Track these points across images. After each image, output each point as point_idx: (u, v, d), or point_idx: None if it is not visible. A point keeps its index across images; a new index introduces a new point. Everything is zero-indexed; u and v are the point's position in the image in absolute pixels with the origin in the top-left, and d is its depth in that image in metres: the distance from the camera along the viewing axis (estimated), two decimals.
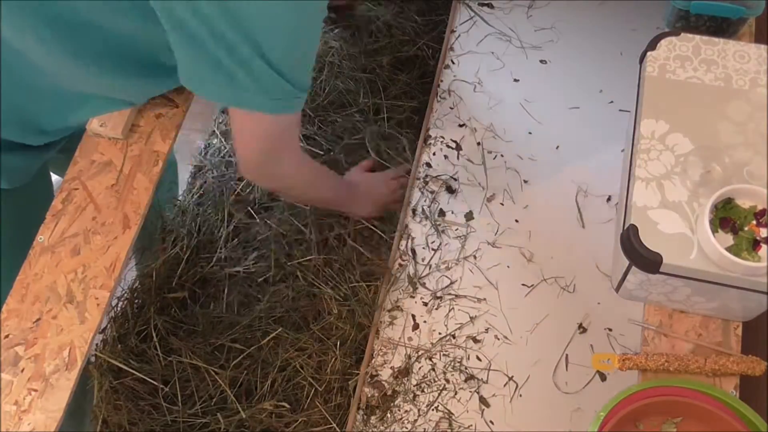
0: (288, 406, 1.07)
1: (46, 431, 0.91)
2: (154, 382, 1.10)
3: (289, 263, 1.20)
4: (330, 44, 1.43)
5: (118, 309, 1.15)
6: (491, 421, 1.05)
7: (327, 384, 1.10)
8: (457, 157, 1.27)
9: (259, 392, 1.10)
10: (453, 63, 1.36)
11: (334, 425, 1.06)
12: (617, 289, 0.96)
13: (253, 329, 1.16)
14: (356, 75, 1.39)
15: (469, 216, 1.21)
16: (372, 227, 1.22)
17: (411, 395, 1.07)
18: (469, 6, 1.42)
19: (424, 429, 1.05)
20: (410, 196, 1.24)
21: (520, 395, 1.06)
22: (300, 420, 1.07)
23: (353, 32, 1.46)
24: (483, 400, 1.06)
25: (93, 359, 1.08)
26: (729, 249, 0.83)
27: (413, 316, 1.14)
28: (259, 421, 1.07)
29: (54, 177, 1.31)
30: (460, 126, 1.30)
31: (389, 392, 1.08)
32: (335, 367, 1.10)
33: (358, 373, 1.09)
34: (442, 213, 1.22)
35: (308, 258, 1.19)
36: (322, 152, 1.30)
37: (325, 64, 1.41)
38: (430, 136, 1.30)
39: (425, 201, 1.23)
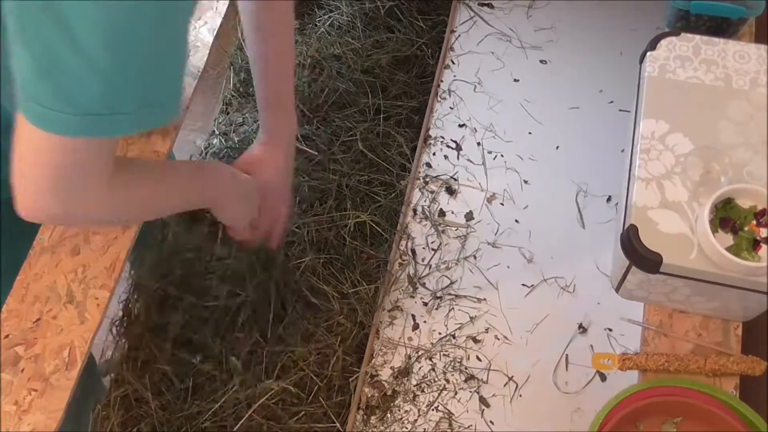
0: (294, 389, 1.08)
1: (46, 431, 0.90)
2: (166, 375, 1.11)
3: (288, 264, 1.20)
4: (329, 45, 1.43)
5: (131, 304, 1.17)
6: (491, 421, 1.05)
7: (328, 380, 1.10)
8: (457, 157, 1.27)
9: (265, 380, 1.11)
10: (453, 63, 1.36)
11: (337, 424, 1.06)
12: (617, 289, 0.96)
13: (253, 328, 1.16)
14: (356, 75, 1.39)
15: (469, 216, 1.21)
16: (373, 225, 1.22)
17: (411, 395, 1.07)
18: (469, 6, 1.42)
19: (424, 429, 1.05)
20: (410, 196, 1.24)
21: (520, 395, 1.06)
22: (303, 411, 1.07)
23: (348, 30, 1.46)
24: (483, 400, 1.06)
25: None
26: (729, 249, 0.83)
27: (413, 316, 1.14)
28: (264, 416, 1.08)
29: None
30: (460, 126, 1.30)
31: (389, 392, 1.08)
32: (337, 364, 1.10)
33: (359, 372, 1.09)
34: (442, 213, 1.22)
35: (302, 260, 1.19)
36: (317, 153, 1.30)
37: (324, 65, 1.41)
38: (430, 136, 1.30)
39: (425, 201, 1.23)
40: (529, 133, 1.28)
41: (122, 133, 0.69)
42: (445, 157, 1.27)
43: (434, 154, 1.27)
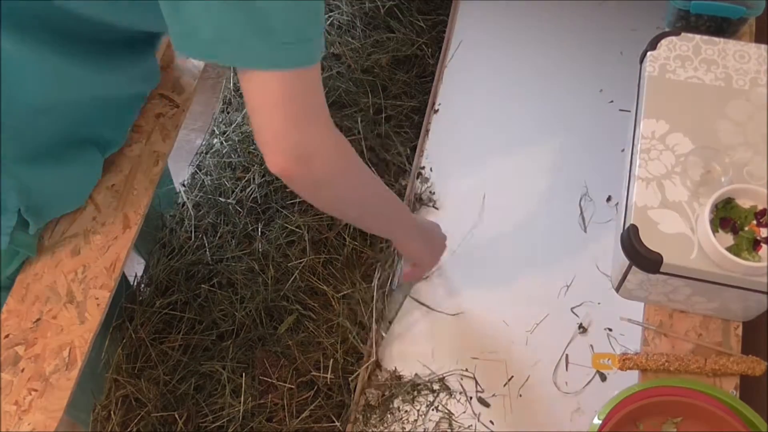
0: (294, 390, 1.08)
1: (46, 431, 0.90)
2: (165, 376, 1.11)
3: (288, 263, 1.20)
4: (329, 44, 1.44)
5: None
6: (491, 422, 1.05)
7: (328, 380, 1.10)
8: (457, 157, 1.27)
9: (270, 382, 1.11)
10: (453, 63, 1.36)
11: (338, 424, 1.06)
12: (617, 289, 0.96)
13: (254, 328, 1.16)
14: (356, 75, 1.39)
15: (469, 216, 1.21)
16: None
17: (411, 395, 1.07)
18: (470, 6, 1.42)
19: (424, 429, 1.05)
20: (410, 196, 1.24)
21: (520, 395, 1.06)
22: (303, 411, 1.07)
23: (348, 30, 1.46)
24: (483, 401, 1.06)
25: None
26: (729, 249, 0.83)
27: None
28: (265, 416, 1.08)
29: None
30: (460, 126, 1.30)
31: (389, 392, 1.08)
32: (337, 365, 1.11)
33: (359, 372, 1.09)
34: None
35: (301, 260, 1.19)
36: None
37: (324, 65, 1.41)
38: (430, 137, 1.29)
39: (425, 201, 1.23)
40: (530, 132, 1.28)
41: (316, 60, 0.75)
42: (445, 157, 1.27)
43: (434, 154, 1.27)
